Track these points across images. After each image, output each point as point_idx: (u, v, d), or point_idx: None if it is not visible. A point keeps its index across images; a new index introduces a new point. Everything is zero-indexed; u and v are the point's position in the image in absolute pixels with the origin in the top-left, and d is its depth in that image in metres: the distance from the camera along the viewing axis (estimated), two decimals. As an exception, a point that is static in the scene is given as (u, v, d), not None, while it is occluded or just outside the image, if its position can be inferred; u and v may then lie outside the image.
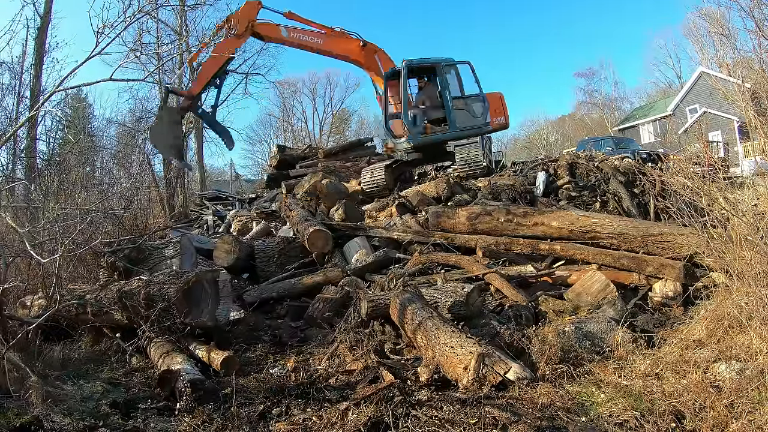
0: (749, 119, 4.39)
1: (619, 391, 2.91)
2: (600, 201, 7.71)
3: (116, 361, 4.06)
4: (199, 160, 24.07)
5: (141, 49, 12.37)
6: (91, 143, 12.88)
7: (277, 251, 6.58)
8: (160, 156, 18.42)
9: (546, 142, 40.48)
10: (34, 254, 3.84)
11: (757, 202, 4.13)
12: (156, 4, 7.62)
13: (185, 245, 6.44)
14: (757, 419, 2.41)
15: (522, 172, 9.31)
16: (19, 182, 7.02)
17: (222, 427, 2.82)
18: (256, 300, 5.52)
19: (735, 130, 22.49)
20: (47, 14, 13.22)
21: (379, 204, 8.91)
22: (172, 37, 19.38)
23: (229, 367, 3.64)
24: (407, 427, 2.58)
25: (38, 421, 2.73)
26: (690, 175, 4.27)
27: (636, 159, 12.05)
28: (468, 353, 3.13)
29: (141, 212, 8.32)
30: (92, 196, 7.30)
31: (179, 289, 4.17)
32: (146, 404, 3.18)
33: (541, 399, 2.86)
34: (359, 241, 6.72)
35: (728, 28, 10.93)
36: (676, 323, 4.00)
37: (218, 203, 14.19)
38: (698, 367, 3.02)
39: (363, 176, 10.46)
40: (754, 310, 3.13)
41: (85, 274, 6.15)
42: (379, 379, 3.33)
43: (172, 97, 11.16)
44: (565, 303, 4.71)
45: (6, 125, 10.94)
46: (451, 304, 4.32)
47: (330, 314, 5.00)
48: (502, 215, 6.18)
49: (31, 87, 12.74)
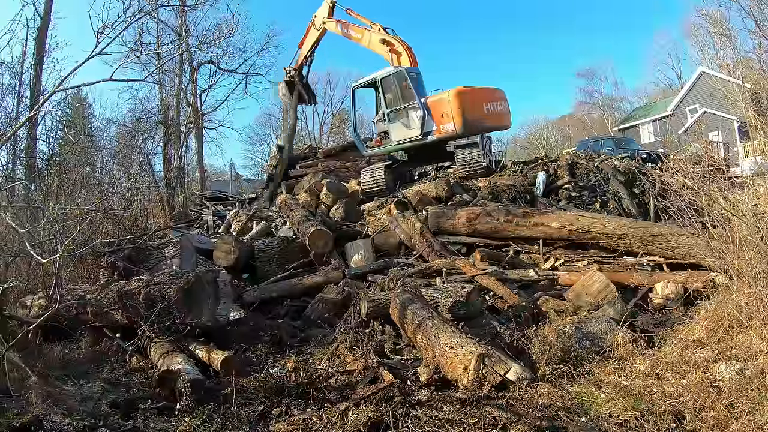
0: (749, 119, 4.39)
1: (619, 391, 2.91)
2: (600, 201, 7.72)
3: (116, 361, 4.06)
4: (199, 160, 24.07)
5: (141, 49, 12.39)
6: (91, 143, 12.86)
7: (277, 251, 6.58)
8: (160, 156, 18.49)
9: (546, 142, 40.44)
10: (34, 254, 3.84)
11: (757, 202, 4.13)
12: (156, 4, 7.62)
13: (185, 245, 6.45)
14: (757, 419, 2.41)
15: (522, 172, 9.32)
16: (19, 182, 7.01)
17: (222, 427, 2.82)
18: (256, 300, 5.53)
19: (735, 130, 22.49)
20: (47, 14, 13.19)
21: (378, 203, 8.92)
22: (172, 37, 19.35)
23: (229, 367, 3.64)
24: (407, 427, 2.58)
25: (38, 421, 2.73)
26: (690, 175, 4.27)
27: (636, 159, 12.06)
28: (468, 353, 3.13)
29: (141, 212, 8.31)
30: (92, 196, 7.30)
31: (179, 289, 4.18)
32: (146, 404, 3.19)
33: (541, 399, 2.86)
34: (361, 242, 6.73)
35: (728, 28, 10.93)
36: (676, 323, 4.00)
37: (218, 203, 14.16)
38: (698, 367, 3.02)
39: (362, 176, 10.46)
40: (754, 310, 3.13)
41: (85, 274, 6.16)
42: (379, 379, 3.34)
43: None
44: (566, 303, 4.71)
45: (6, 125, 10.92)
46: (451, 304, 4.32)
47: (330, 314, 5.01)
48: (502, 216, 6.18)
49: (31, 87, 12.71)
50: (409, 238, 6.63)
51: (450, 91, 9.85)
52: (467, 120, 9.60)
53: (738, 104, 6.05)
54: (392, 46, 10.77)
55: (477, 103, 9.85)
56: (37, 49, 12.91)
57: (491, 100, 10.15)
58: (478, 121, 9.84)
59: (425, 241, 6.30)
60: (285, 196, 9.57)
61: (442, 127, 9.80)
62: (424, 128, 10.03)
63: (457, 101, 9.61)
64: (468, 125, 9.64)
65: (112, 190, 8.73)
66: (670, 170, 4.72)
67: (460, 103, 9.58)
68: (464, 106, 9.59)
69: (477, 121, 9.80)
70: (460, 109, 9.55)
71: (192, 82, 22.71)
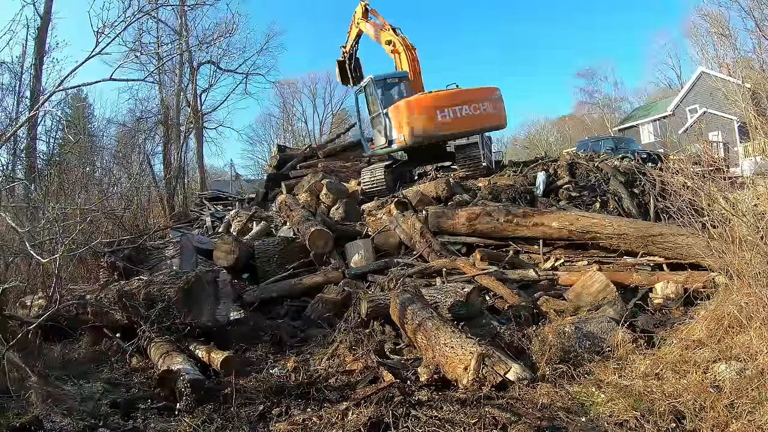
0: (749, 119, 4.39)
1: (619, 391, 2.91)
2: (600, 201, 7.72)
3: (116, 361, 4.06)
4: (199, 160, 24.07)
5: (141, 49, 12.36)
6: (91, 143, 12.86)
7: (277, 251, 6.58)
8: (160, 156, 18.50)
9: (546, 142, 40.44)
10: (34, 254, 3.84)
11: (757, 202, 4.13)
12: (156, 4, 7.61)
13: (185, 245, 6.45)
14: (757, 419, 2.41)
15: (522, 172, 9.31)
16: (19, 182, 7.00)
17: (222, 427, 2.82)
18: (256, 300, 5.52)
19: (735, 130, 22.50)
20: (47, 14, 13.19)
21: (378, 202, 8.91)
22: (172, 37, 19.34)
23: (229, 367, 3.64)
24: (407, 427, 2.58)
25: (38, 421, 2.73)
26: (690, 175, 4.27)
27: (636, 159, 12.05)
28: (468, 353, 3.13)
29: (141, 212, 8.31)
30: (92, 196, 7.30)
31: (179, 289, 4.17)
32: (146, 404, 3.18)
33: (541, 399, 2.86)
34: (361, 243, 6.72)
35: (728, 28, 10.94)
36: (676, 323, 4.00)
37: (218, 203, 14.16)
38: (698, 367, 3.02)
39: (362, 176, 10.46)
40: (754, 310, 3.13)
41: (85, 274, 6.15)
42: (379, 379, 3.34)
43: None
44: (566, 303, 4.71)
45: (6, 125, 10.92)
46: (451, 304, 4.32)
47: (330, 314, 5.00)
48: (502, 216, 6.18)
49: (31, 87, 12.71)
50: (409, 238, 6.63)
51: (402, 101, 9.67)
52: (415, 131, 9.29)
53: (738, 104, 6.05)
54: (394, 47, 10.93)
55: (429, 112, 9.38)
56: (37, 49, 12.91)
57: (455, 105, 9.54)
58: (430, 131, 9.40)
59: (425, 241, 6.30)
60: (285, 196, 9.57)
61: (398, 137, 9.62)
62: (388, 137, 9.98)
63: (405, 111, 9.37)
64: (416, 136, 9.33)
65: (112, 190, 8.73)
66: (670, 170, 4.72)
67: (407, 114, 9.33)
68: (411, 116, 9.32)
69: (427, 131, 9.38)
70: (408, 119, 9.33)
71: (192, 82, 22.73)
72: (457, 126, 9.62)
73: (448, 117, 9.46)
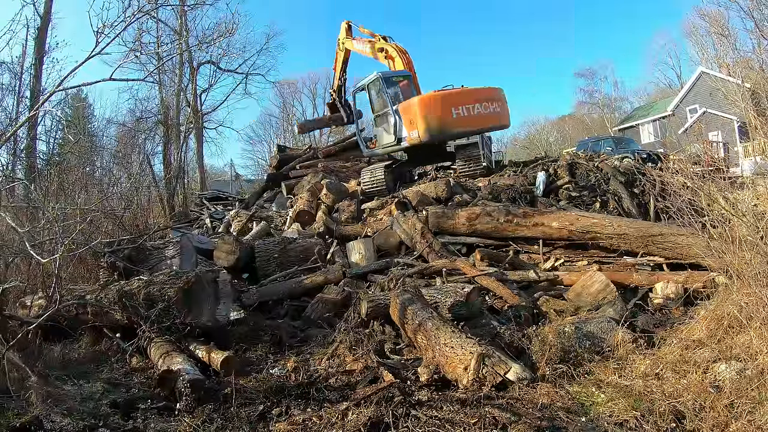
0: (749, 119, 4.39)
1: (619, 391, 2.91)
2: (600, 201, 7.71)
3: (116, 361, 4.06)
4: (199, 160, 24.08)
5: (141, 48, 12.37)
6: (91, 143, 12.88)
7: (277, 251, 6.58)
8: (160, 156, 18.53)
9: (546, 142, 40.43)
10: (34, 254, 3.83)
11: (757, 202, 4.13)
12: (156, 4, 7.61)
13: (185, 245, 6.44)
14: (757, 419, 2.41)
15: (522, 172, 9.31)
16: (19, 182, 7.00)
17: (222, 427, 2.82)
18: (256, 300, 5.52)
19: (735, 130, 22.50)
20: (47, 14, 13.21)
21: (378, 202, 8.92)
22: (172, 37, 19.35)
23: (229, 367, 3.64)
24: (407, 427, 2.58)
25: (38, 421, 2.73)
26: (690, 175, 4.27)
27: (636, 159, 12.04)
28: (468, 353, 3.13)
29: (141, 212, 8.32)
30: (92, 196, 7.30)
31: (179, 289, 4.17)
32: (146, 404, 3.18)
33: (541, 399, 2.86)
34: (361, 242, 6.72)
35: (728, 28, 10.95)
36: (676, 323, 4.00)
37: (218, 203, 14.17)
38: (698, 367, 3.02)
39: (362, 176, 10.46)
40: (754, 310, 3.13)
41: (85, 274, 6.15)
42: (379, 379, 3.34)
43: None
44: (566, 303, 4.71)
45: (6, 125, 10.93)
46: (451, 304, 4.32)
47: (330, 314, 5.00)
48: (502, 216, 6.17)
49: (31, 87, 12.73)
50: (409, 238, 6.63)
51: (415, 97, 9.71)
52: (431, 127, 9.30)
53: (738, 104, 6.05)
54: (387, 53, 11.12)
55: (445, 108, 9.40)
56: (37, 49, 12.93)
57: (467, 103, 9.59)
58: (445, 127, 9.44)
59: (425, 241, 6.30)
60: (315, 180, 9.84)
61: (410, 134, 9.62)
62: (398, 134, 9.98)
63: (420, 108, 9.37)
64: (432, 132, 9.36)
65: (112, 190, 8.75)
66: (670, 170, 4.72)
67: (423, 110, 9.33)
68: (428, 113, 9.32)
69: (443, 127, 9.42)
70: (424, 116, 9.30)
71: (192, 82, 22.76)
72: (470, 123, 9.68)
73: (463, 114, 9.49)
